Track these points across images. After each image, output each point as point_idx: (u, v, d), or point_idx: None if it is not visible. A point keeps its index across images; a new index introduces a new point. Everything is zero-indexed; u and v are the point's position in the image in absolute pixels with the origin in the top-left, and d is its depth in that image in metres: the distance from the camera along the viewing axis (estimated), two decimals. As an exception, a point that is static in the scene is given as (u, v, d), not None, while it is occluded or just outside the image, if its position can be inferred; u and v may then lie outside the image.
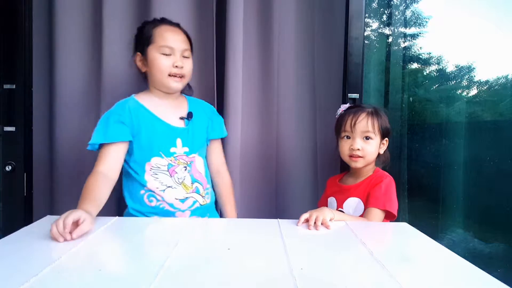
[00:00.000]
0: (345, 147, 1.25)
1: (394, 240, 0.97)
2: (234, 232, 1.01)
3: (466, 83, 2.22)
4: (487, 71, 2.15)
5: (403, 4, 2.24)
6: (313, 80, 1.65)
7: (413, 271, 0.74)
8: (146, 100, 1.28)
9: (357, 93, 1.55)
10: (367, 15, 1.70)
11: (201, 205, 1.29)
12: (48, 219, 1.09)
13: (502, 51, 2.08)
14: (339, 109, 1.33)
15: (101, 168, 1.17)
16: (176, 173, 1.25)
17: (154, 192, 1.23)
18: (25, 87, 1.55)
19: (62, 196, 1.58)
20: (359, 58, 1.56)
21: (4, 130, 1.54)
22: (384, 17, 2.26)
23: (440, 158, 2.10)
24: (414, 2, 2.24)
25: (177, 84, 1.26)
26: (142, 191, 1.24)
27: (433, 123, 2.21)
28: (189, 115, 1.31)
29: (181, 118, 1.30)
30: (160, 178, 1.24)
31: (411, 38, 2.24)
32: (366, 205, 1.19)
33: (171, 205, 1.24)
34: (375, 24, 2.25)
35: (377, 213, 1.16)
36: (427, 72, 2.29)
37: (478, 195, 2.00)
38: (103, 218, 1.07)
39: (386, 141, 1.28)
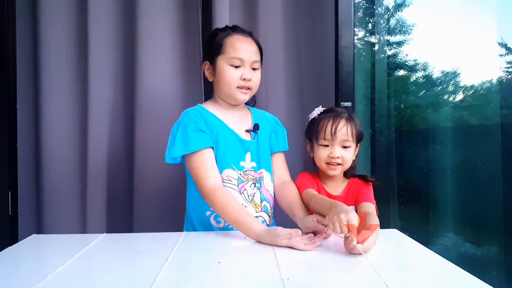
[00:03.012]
0: (323, 154, 1.21)
1: (385, 246, 0.97)
2: (224, 245, 0.99)
3: (452, 88, 2.25)
4: (472, 76, 2.19)
5: (388, 13, 2.28)
6: (300, 89, 1.66)
7: (405, 277, 0.74)
8: (215, 110, 1.22)
9: (349, 102, 1.56)
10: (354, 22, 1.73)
11: (267, 225, 1.20)
12: (33, 238, 1.07)
13: (485, 56, 2.12)
14: (313, 112, 1.28)
15: (215, 181, 1.09)
16: (246, 190, 1.18)
17: None
18: (9, 103, 1.52)
19: (49, 213, 1.55)
20: (350, 67, 1.57)
21: (-12, 148, 1.51)
22: (370, 25, 2.30)
23: (430, 163, 2.12)
24: (398, 11, 2.29)
25: (244, 97, 1.20)
26: (208, 212, 1.16)
27: (421, 129, 2.24)
28: (256, 127, 1.24)
29: (247, 131, 1.24)
30: None
31: (396, 45, 2.28)
32: (359, 201, 1.19)
33: None
34: (361, 33, 2.29)
35: (373, 206, 1.17)
36: (414, 78, 2.32)
37: (469, 198, 2.01)
38: (90, 235, 1.05)
39: (358, 146, 1.27)
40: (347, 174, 1.27)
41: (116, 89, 1.61)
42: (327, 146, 1.21)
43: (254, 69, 1.20)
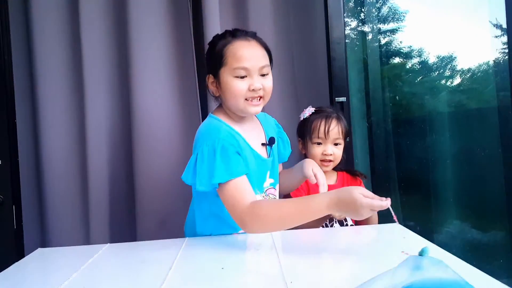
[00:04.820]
0: (317, 152, 1.33)
1: (388, 244, 0.97)
2: (227, 251, 0.99)
3: (449, 73, 2.24)
4: (469, 59, 2.17)
5: (379, 1, 2.26)
6: (295, 88, 1.66)
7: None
8: (233, 124, 1.11)
9: (344, 96, 1.57)
10: (345, 14, 1.72)
11: None
12: (39, 252, 1.08)
13: (481, 38, 2.11)
14: (305, 112, 1.38)
15: (253, 198, 0.99)
16: None
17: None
18: (9, 120, 1.54)
19: (53, 225, 1.57)
20: (343, 62, 1.58)
21: (-10, 163, 1.53)
22: (362, 15, 2.28)
23: (430, 151, 2.11)
24: (389, -2, 2.27)
25: (257, 108, 1.08)
26: (236, 234, 1.10)
27: (420, 116, 2.23)
28: (272, 141, 1.17)
29: (263, 145, 1.16)
30: None
31: (390, 33, 2.27)
32: None
33: None
34: (353, 23, 2.27)
35: None
36: (409, 65, 2.31)
37: (471, 184, 2.01)
38: (94, 246, 1.06)
39: (345, 142, 1.39)
40: (336, 168, 1.40)
41: (112, 105, 1.61)
42: (320, 144, 1.33)
43: (263, 75, 1.08)
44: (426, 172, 2.10)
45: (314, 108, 1.38)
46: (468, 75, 2.23)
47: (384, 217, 1.06)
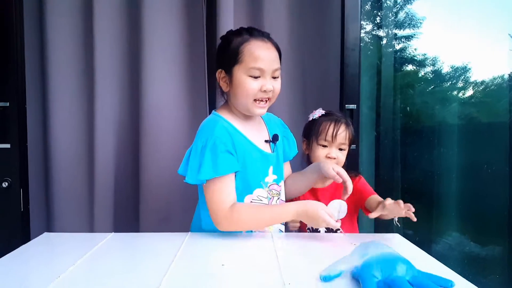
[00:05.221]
0: (321, 153, 1.31)
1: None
2: (228, 248, 1.01)
3: (462, 84, 2.21)
4: (483, 71, 2.15)
5: (397, 6, 2.24)
6: (304, 90, 1.66)
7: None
8: (234, 121, 1.13)
9: (354, 104, 1.56)
10: (361, 18, 1.71)
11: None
12: (45, 236, 1.10)
13: (497, 50, 2.08)
14: (314, 113, 1.37)
15: (233, 202, 1.05)
16: None
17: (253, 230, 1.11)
18: (19, 105, 1.56)
19: (58, 211, 1.59)
20: (356, 69, 1.56)
21: (0, 147, 1.55)
22: (378, 19, 2.26)
23: (436, 162, 2.09)
24: (408, 3, 2.25)
25: (262, 111, 1.12)
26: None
27: (429, 127, 2.21)
28: (275, 138, 1.19)
29: (267, 141, 1.19)
30: None
31: (405, 39, 2.24)
32: (362, 198, 1.29)
33: None
34: (368, 27, 2.25)
35: (378, 197, 1.27)
36: (422, 73, 2.29)
37: (475, 199, 1.99)
38: (99, 234, 1.08)
39: (349, 148, 1.38)
40: None
41: (121, 95, 1.62)
42: (326, 146, 1.31)
43: (274, 77, 1.10)
44: (431, 184, 2.08)
45: (324, 111, 1.37)
46: (481, 88, 2.20)
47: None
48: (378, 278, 0.71)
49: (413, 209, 1.03)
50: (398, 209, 1.04)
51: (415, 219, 1.05)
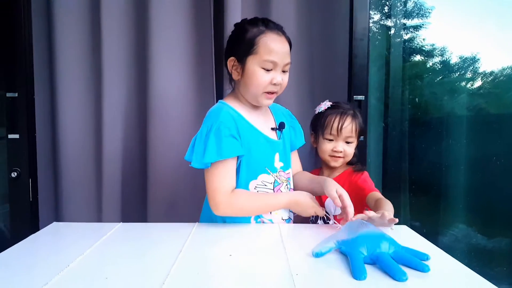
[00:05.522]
0: (327, 147, 1.32)
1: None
2: (235, 238, 1.02)
3: (471, 75, 2.18)
4: (492, 62, 2.11)
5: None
6: (312, 82, 1.65)
7: (412, 275, 0.74)
8: (241, 109, 1.15)
9: (362, 95, 1.54)
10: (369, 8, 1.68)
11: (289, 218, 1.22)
12: (54, 226, 1.11)
13: (507, 40, 2.05)
14: (320, 106, 1.36)
15: (231, 188, 1.08)
16: (281, 191, 1.17)
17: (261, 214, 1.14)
18: (27, 95, 1.56)
19: (67, 200, 1.61)
20: (364, 60, 1.54)
21: (9, 137, 1.56)
22: (386, 8, 2.23)
23: (444, 154, 2.07)
24: (417, -7, 2.21)
25: (269, 101, 1.15)
26: (248, 223, 1.14)
27: (437, 118, 2.18)
28: (281, 126, 1.20)
29: (273, 129, 1.20)
30: None
31: (413, 29, 2.21)
32: (363, 195, 1.26)
33: None
34: (376, 16, 2.22)
35: (378, 194, 1.24)
36: (430, 64, 2.26)
37: (483, 191, 1.98)
38: (107, 224, 1.08)
39: (358, 139, 1.37)
40: (348, 163, 1.37)
41: (129, 86, 1.63)
42: (332, 140, 1.31)
43: (284, 71, 1.12)
44: (439, 175, 2.06)
45: (330, 103, 1.36)
46: (490, 78, 2.17)
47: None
48: (365, 254, 0.79)
49: (396, 220, 0.96)
50: (382, 223, 0.97)
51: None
